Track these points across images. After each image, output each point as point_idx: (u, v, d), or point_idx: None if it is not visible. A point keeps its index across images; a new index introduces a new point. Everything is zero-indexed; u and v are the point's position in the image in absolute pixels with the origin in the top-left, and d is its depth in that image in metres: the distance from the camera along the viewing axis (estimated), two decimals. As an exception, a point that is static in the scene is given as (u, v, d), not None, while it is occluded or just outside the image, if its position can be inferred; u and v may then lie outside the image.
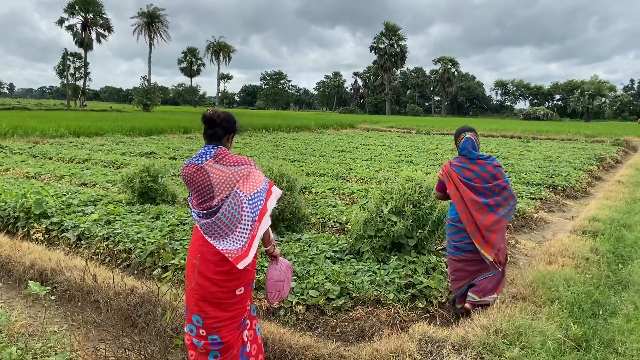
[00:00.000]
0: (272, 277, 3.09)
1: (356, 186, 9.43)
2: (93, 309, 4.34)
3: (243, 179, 2.70)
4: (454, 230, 4.07)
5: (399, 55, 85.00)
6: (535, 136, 28.63)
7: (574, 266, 4.96)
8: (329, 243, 5.46)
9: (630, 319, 3.74)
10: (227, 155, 2.78)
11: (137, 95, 56.75)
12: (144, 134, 21.49)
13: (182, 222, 6.13)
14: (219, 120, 2.80)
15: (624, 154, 21.09)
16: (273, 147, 17.75)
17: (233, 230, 2.63)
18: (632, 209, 8.08)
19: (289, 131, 28.68)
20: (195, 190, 2.76)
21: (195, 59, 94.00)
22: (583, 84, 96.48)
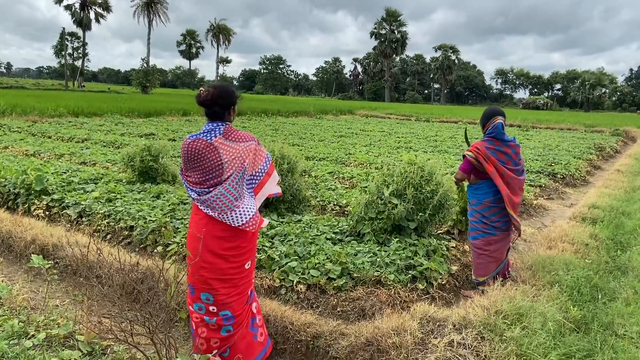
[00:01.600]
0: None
1: (355, 171, 9.43)
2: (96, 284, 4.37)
3: (251, 157, 2.77)
4: (495, 211, 4.19)
5: (400, 42, 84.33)
6: (535, 125, 28.60)
7: (573, 251, 5.00)
8: (330, 225, 5.47)
9: (630, 303, 3.78)
10: (235, 131, 2.80)
11: (136, 76, 56.35)
12: (143, 115, 21.39)
13: (183, 202, 6.12)
14: (213, 99, 2.76)
15: (623, 144, 21.12)
16: (272, 131, 17.70)
17: (238, 205, 2.71)
18: (631, 198, 8.12)
19: (287, 116, 28.57)
20: (201, 167, 2.71)
21: (195, 42, 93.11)
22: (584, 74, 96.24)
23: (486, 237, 4.24)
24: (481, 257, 4.30)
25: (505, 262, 4.38)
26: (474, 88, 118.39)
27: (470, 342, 2.98)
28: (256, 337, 2.99)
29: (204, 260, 2.74)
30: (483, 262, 4.29)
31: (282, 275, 4.22)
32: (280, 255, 4.48)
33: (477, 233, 4.31)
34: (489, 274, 4.27)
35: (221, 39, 65.15)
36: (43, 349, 2.82)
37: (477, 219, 4.30)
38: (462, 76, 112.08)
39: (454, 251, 5.04)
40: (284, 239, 4.94)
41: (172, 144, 12.16)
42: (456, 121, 30.58)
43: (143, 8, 64.08)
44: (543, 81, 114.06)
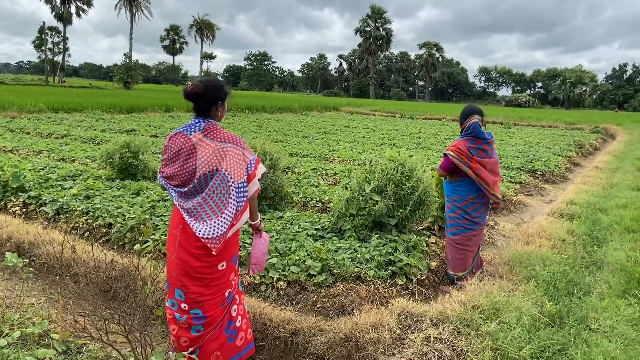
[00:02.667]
0: (256, 250, 3.13)
1: (339, 167, 9.45)
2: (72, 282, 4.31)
3: (230, 161, 2.62)
4: (477, 207, 4.31)
5: (385, 39, 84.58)
6: (517, 122, 28.95)
7: (550, 247, 5.07)
8: (311, 221, 5.48)
9: (604, 298, 3.85)
10: (216, 129, 2.70)
11: (118, 72, 55.57)
12: (125, 111, 21.14)
13: (163, 199, 6.07)
14: (200, 92, 2.68)
15: (602, 141, 21.47)
16: (256, 128, 17.64)
17: (218, 215, 2.60)
18: (609, 194, 8.26)
19: (272, 112, 28.49)
20: (177, 162, 2.66)
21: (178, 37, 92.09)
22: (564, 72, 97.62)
23: (467, 233, 4.31)
24: (461, 252, 4.35)
25: (479, 255, 4.50)
26: (457, 85, 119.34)
27: (447, 337, 3.01)
28: (232, 339, 2.91)
29: (177, 257, 2.71)
30: (463, 257, 4.34)
31: (262, 272, 4.21)
32: (260, 252, 4.47)
33: (457, 229, 4.36)
34: (467, 268, 4.34)
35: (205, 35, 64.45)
36: (17, 348, 2.79)
37: (458, 215, 4.35)
38: (446, 73, 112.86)
39: (433, 247, 5.09)
40: (265, 236, 4.93)
41: (153, 140, 12.05)
42: (440, 118, 30.80)
43: (125, 2, 63.25)
44: (525, 79, 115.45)
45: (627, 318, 3.46)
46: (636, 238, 5.44)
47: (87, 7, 65.34)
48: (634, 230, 5.72)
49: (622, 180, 9.43)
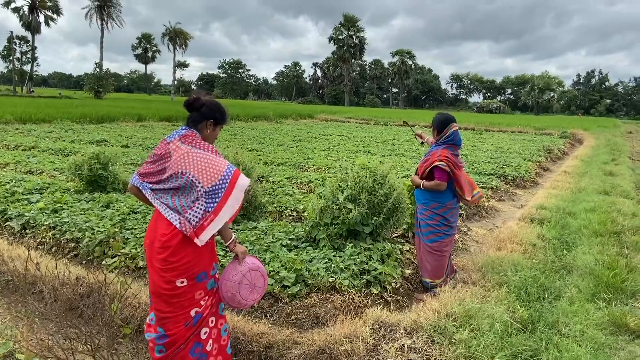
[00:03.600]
0: (226, 276, 2.82)
1: (314, 175, 9.44)
2: (38, 300, 4.17)
3: (197, 165, 2.59)
4: (454, 212, 4.40)
5: (358, 47, 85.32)
6: (488, 128, 29.47)
7: (522, 252, 5.15)
8: (286, 231, 5.44)
9: (574, 302, 3.92)
10: (194, 138, 2.71)
11: (89, 81, 54.48)
12: (96, 121, 20.74)
13: (134, 211, 5.96)
14: (197, 105, 2.75)
15: (570, 146, 22.02)
16: (231, 136, 17.51)
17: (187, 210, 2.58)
18: (577, 198, 8.44)
19: (247, 120, 28.37)
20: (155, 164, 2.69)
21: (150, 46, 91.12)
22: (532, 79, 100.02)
23: (446, 239, 4.38)
24: (439, 259, 4.37)
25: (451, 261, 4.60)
26: (430, 92, 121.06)
27: (421, 346, 3.01)
28: None
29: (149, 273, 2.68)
30: (440, 264, 4.38)
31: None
32: (233, 263, 4.41)
33: (437, 235, 4.37)
34: (444, 274, 4.38)
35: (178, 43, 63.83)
36: (-22, 371, 2.67)
37: (438, 221, 4.36)
38: (419, 80, 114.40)
39: (407, 254, 5.11)
40: (238, 247, 4.87)
41: (124, 151, 11.84)
42: (413, 125, 31.09)
43: (95, 11, 62.26)
44: (495, 86, 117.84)
45: (597, 322, 3.53)
46: (604, 242, 5.57)
47: (56, 16, 64.10)
48: (601, 234, 5.86)
49: (589, 185, 9.66)
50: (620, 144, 21.35)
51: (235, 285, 2.79)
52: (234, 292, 2.80)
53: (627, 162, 14.49)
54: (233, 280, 2.80)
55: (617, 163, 13.80)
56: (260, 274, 2.92)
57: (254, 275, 2.87)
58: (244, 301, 2.86)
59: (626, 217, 6.63)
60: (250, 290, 2.87)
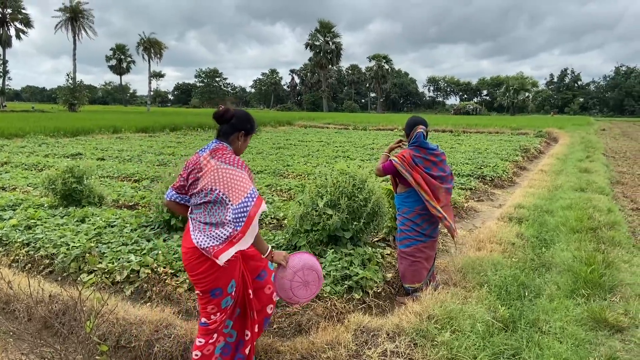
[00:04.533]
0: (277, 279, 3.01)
1: (294, 182, 9.40)
2: (11, 319, 4.05)
3: (227, 183, 2.64)
4: (426, 218, 4.30)
5: (334, 52, 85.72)
6: (466, 130, 29.82)
7: (501, 251, 5.19)
8: (266, 239, 5.39)
9: (553, 299, 3.95)
10: (224, 152, 2.75)
11: (62, 94, 53.57)
12: (70, 134, 20.38)
13: (110, 224, 5.85)
14: (227, 116, 2.82)
15: (546, 144, 22.39)
16: (209, 146, 17.38)
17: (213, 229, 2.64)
18: (554, 196, 8.57)
19: (225, 129, 28.19)
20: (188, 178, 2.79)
21: (125, 56, 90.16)
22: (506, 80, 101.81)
23: (418, 245, 4.32)
24: (413, 264, 4.36)
25: (434, 267, 4.52)
26: (408, 96, 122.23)
27: (404, 350, 3.00)
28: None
29: None
30: (416, 269, 4.36)
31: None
32: (213, 274, 4.35)
33: (409, 241, 4.37)
34: (422, 280, 4.35)
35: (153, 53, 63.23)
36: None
37: (408, 227, 4.37)
38: (397, 84, 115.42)
39: (389, 258, 5.10)
40: (218, 257, 4.81)
41: (100, 164, 11.65)
42: (392, 128, 31.33)
43: (67, 22, 61.33)
44: (471, 87, 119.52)
45: (576, 318, 3.57)
46: (581, 238, 5.65)
47: (27, 29, 62.99)
48: (578, 231, 5.94)
49: (565, 182, 9.82)
50: (595, 141, 21.79)
51: (287, 282, 2.95)
52: (287, 290, 2.97)
53: (602, 159, 14.79)
54: (284, 281, 2.96)
55: (592, 160, 14.07)
56: (311, 270, 3.03)
57: (305, 273, 3.00)
58: (297, 299, 3.01)
59: (602, 213, 6.75)
60: (304, 287, 3.01)
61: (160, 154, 14.23)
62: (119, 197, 7.73)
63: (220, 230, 2.61)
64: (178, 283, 4.35)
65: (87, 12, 63.03)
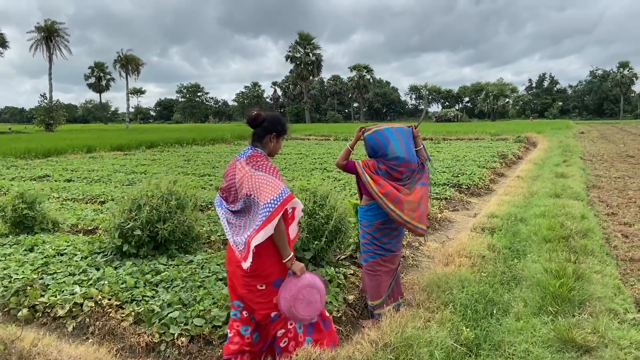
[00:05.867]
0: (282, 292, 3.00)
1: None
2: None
3: (258, 187, 2.85)
4: (386, 232, 4.08)
5: (315, 64, 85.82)
6: (446, 137, 29.87)
7: (470, 265, 4.96)
8: (224, 263, 5.10)
9: (520, 318, 3.72)
10: (258, 159, 2.96)
11: (38, 114, 52.62)
12: (41, 155, 19.86)
13: (60, 253, 5.52)
14: (259, 120, 3.04)
15: (525, 150, 22.43)
16: (184, 162, 17.02)
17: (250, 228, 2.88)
18: (529, 203, 8.42)
19: (204, 144, 27.84)
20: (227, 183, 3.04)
21: (104, 74, 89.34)
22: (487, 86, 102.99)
23: (376, 259, 4.10)
24: (373, 278, 4.11)
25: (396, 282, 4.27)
26: (390, 104, 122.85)
27: (354, 387, 2.73)
28: None
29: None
30: (375, 283, 4.11)
31: (162, 329, 3.80)
32: (162, 305, 4.06)
33: (368, 255, 4.16)
34: (382, 295, 4.09)
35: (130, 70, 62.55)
36: None
37: (368, 240, 4.15)
38: (379, 94, 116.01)
39: (352, 278, 4.84)
40: (170, 285, 4.51)
41: (65, 186, 11.25)
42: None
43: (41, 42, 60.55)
44: (453, 95, 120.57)
45: (542, 339, 3.34)
46: (552, 248, 5.46)
47: (3, 49, 62.10)
48: (550, 240, 5.76)
49: (541, 188, 9.70)
50: (572, 144, 21.88)
51: (290, 300, 2.97)
52: (290, 306, 2.98)
53: (579, 163, 14.76)
54: (288, 295, 2.98)
55: (569, 164, 14.02)
56: (316, 291, 3.08)
57: (308, 292, 3.02)
58: (300, 316, 3.03)
59: (575, 220, 6.58)
60: (306, 306, 3.02)
61: (132, 173, 13.86)
62: (79, 222, 7.38)
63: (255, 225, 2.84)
64: (123, 316, 4.05)
65: (62, 30, 62.43)
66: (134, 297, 4.27)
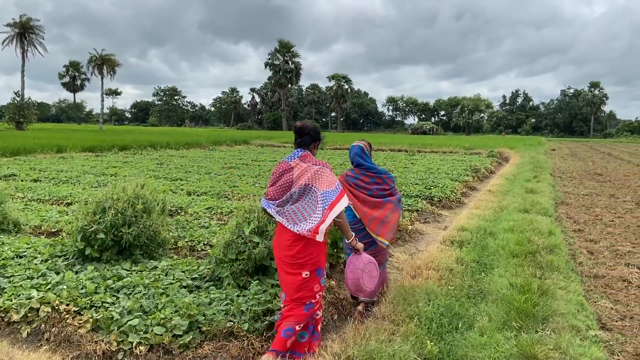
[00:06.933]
0: (351, 267, 3.73)
1: (237, 205, 9.02)
2: None
3: (318, 177, 3.42)
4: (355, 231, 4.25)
5: (294, 72, 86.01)
6: (421, 149, 30.17)
7: (437, 278, 4.96)
8: (189, 270, 4.99)
9: (484, 333, 3.72)
10: (310, 157, 3.59)
11: (8, 112, 51.14)
12: (9, 153, 19.27)
13: (19, 255, 5.32)
14: (307, 130, 3.65)
15: (497, 164, 22.79)
16: (156, 166, 16.74)
17: (307, 218, 3.33)
18: (499, 217, 8.51)
19: (178, 148, 27.48)
20: (280, 183, 3.50)
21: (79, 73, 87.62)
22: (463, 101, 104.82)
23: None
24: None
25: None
26: (368, 115, 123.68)
27: (313, 401, 2.67)
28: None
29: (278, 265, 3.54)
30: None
31: (120, 337, 3.67)
32: (121, 312, 3.93)
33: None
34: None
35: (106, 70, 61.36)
36: None
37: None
38: (357, 104, 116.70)
39: (319, 289, 4.78)
40: (132, 292, 4.39)
41: (32, 185, 10.93)
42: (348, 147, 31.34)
43: (16, 38, 59.07)
44: (429, 108, 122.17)
45: (505, 354, 3.34)
46: (519, 263, 5.51)
47: (-26, 45, 60.26)
48: (517, 255, 5.81)
49: (511, 203, 9.83)
50: (543, 161, 22.34)
51: (360, 272, 3.69)
52: (358, 279, 3.69)
53: (549, 179, 15.05)
54: (358, 269, 3.70)
55: (539, 180, 14.27)
56: (375, 266, 3.85)
57: (371, 266, 3.80)
58: (365, 287, 3.74)
59: (542, 236, 6.67)
60: (369, 278, 3.77)
61: (101, 175, 13.56)
62: (42, 223, 7.15)
63: (314, 216, 3.31)
64: (81, 322, 3.91)
65: (38, 28, 61.03)
66: (93, 303, 4.13)
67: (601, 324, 4.24)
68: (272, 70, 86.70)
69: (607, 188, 14.00)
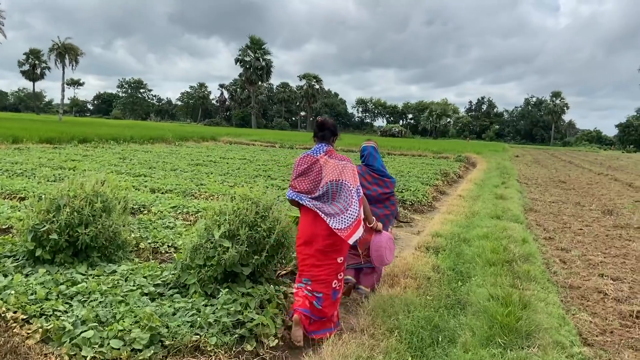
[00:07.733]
0: (377, 242, 4.27)
1: (203, 204, 8.64)
2: None
3: (347, 172, 3.75)
4: None
5: (265, 69, 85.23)
6: (390, 152, 30.23)
7: (416, 287, 4.76)
8: (152, 275, 4.63)
9: (468, 349, 3.53)
10: (334, 152, 3.89)
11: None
12: (-41, 143, 18.20)
13: (-38, 255, 4.83)
14: (327, 125, 3.94)
15: (465, 169, 22.99)
16: (119, 160, 16.06)
17: (344, 212, 3.61)
18: (471, 223, 8.43)
19: (142, 143, 26.60)
20: (308, 176, 3.80)
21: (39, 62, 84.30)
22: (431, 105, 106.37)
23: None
24: None
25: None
26: (337, 116, 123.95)
27: None
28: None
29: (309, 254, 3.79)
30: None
31: (72, 350, 3.30)
32: (75, 322, 3.55)
33: None
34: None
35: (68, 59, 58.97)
36: None
37: None
38: (327, 104, 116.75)
39: (292, 298, 4.50)
40: (87, 299, 4.00)
41: (-18, 178, 10.22)
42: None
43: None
44: (398, 110, 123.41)
45: (492, 374, 3.15)
46: (497, 272, 5.37)
47: None
48: (494, 263, 5.68)
49: (482, 209, 9.78)
50: (509, 167, 22.67)
51: (383, 250, 4.25)
52: (382, 255, 4.26)
53: (516, 185, 15.20)
54: (382, 247, 4.25)
55: (507, 186, 14.39)
56: (392, 241, 4.42)
57: (392, 242, 4.40)
58: (387, 261, 4.33)
59: (517, 244, 6.59)
60: (389, 252, 4.33)
61: (59, 168, 12.86)
62: (-9, 219, 6.62)
63: (347, 215, 3.59)
64: (29, 332, 3.51)
65: (-2, 12, 58.34)
66: (44, 311, 3.74)
67: (582, 338, 4.12)
68: (242, 67, 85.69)
69: (572, 196, 14.22)
